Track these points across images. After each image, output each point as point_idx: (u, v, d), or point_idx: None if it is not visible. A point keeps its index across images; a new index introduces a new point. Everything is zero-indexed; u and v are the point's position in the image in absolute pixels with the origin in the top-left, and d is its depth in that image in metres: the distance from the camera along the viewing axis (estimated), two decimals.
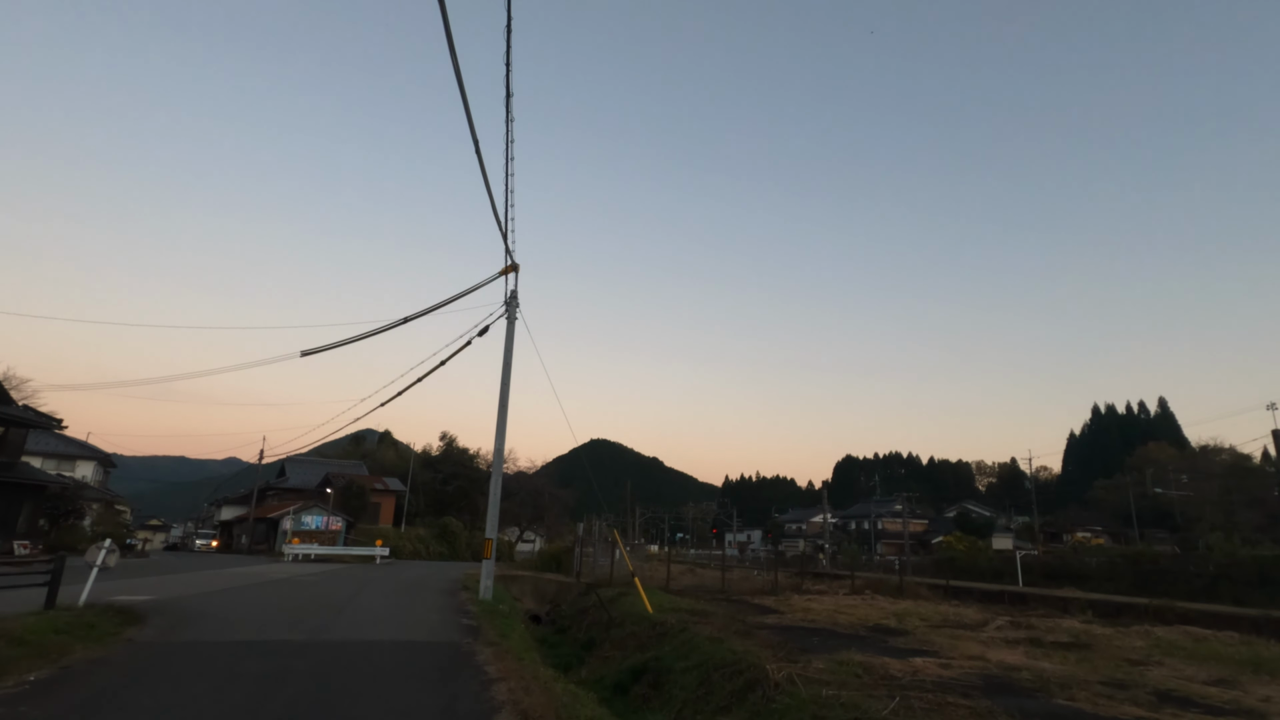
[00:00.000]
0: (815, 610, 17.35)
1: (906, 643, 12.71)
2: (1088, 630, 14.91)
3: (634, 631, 13.82)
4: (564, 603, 23.24)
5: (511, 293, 16.20)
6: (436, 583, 20.65)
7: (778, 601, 19.82)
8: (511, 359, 15.77)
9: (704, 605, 16.54)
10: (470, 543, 52.44)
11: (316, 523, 43.27)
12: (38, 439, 47.17)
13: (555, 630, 18.73)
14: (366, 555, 35.88)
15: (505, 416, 15.31)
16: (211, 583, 17.08)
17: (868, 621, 15.82)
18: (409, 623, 9.95)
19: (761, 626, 14.16)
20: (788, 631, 13.72)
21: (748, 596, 21.74)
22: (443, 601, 14.12)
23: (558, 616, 20.85)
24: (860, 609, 17.92)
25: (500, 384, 15.54)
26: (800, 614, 16.75)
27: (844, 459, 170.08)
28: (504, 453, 15.11)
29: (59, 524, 34.19)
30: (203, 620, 9.98)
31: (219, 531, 63.04)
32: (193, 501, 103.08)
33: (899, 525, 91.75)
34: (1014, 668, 9.96)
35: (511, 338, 15.89)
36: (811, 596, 20.93)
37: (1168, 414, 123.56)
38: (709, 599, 20.44)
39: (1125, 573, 36.51)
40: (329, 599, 13.78)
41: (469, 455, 69.95)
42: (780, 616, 15.95)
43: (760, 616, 15.77)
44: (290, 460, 63.67)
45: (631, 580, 22.63)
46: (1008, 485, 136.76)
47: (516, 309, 16.16)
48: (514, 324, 16.03)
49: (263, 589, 15.82)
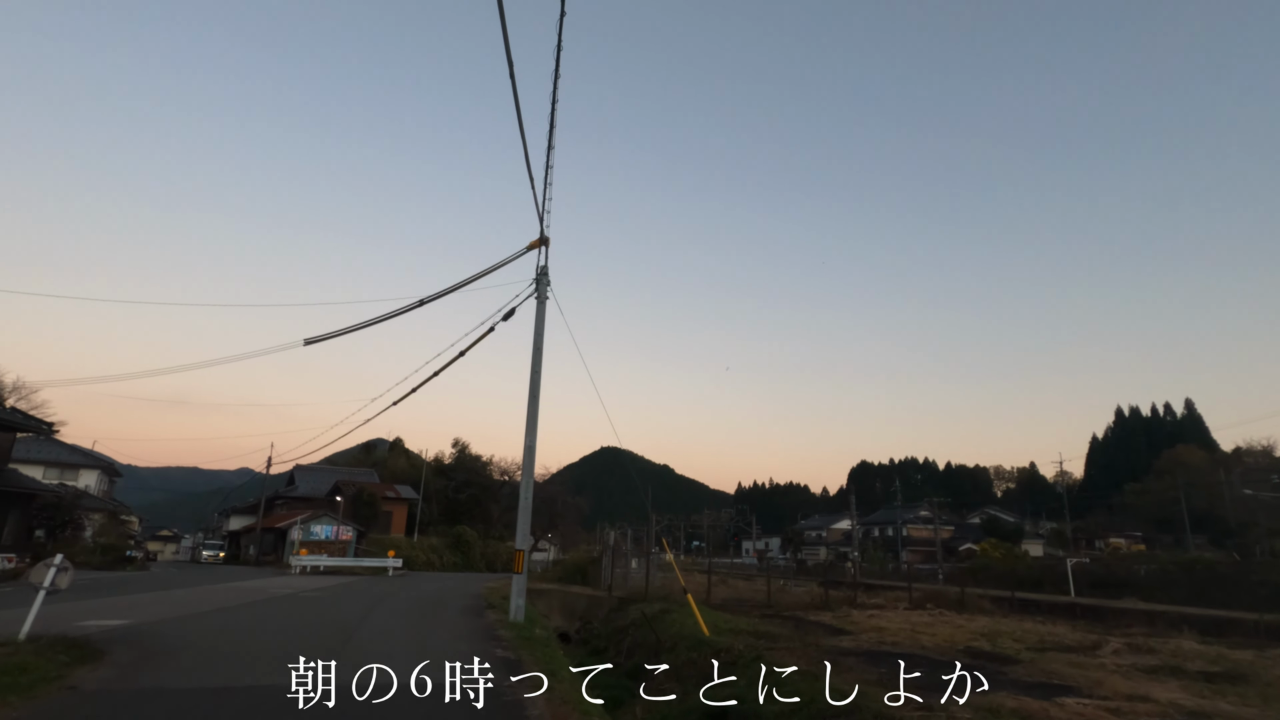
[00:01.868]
0: (889, 629, 15.21)
1: (1028, 674, 10.56)
2: (1223, 655, 12.69)
3: (691, 659, 11.75)
4: (595, 619, 21.18)
5: (542, 268, 14.24)
6: (457, 599, 18.64)
7: (837, 618, 17.68)
8: (543, 343, 13.80)
9: (763, 625, 14.43)
10: (484, 552, 50.48)
11: (326, 533, 41.41)
12: (39, 448, 45.67)
13: (590, 652, 16.67)
14: (378, 567, 33.93)
15: (536, 409, 13.32)
16: (204, 601, 15.14)
17: (955, 643, 13.67)
18: (433, 655, 7.92)
19: (839, 651, 12.07)
20: (874, 658, 11.60)
21: (799, 612, 19.61)
22: (468, 624, 12.08)
23: (590, 635, 18.80)
24: (937, 627, 15.76)
25: (530, 372, 13.56)
26: (873, 633, 14.63)
27: (859, 465, 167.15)
28: (535, 451, 13.12)
29: (56, 535, 32.44)
30: (177, 655, 8.00)
31: (226, 542, 61.30)
32: (205, 512, 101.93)
33: (924, 532, 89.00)
34: (1201, 714, 7.83)
35: (543, 319, 13.92)
36: (872, 612, 18.75)
37: (1195, 416, 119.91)
38: (758, 615, 18.32)
39: (1180, 581, 34.26)
40: (335, 621, 11.78)
41: (482, 463, 68.10)
42: (854, 638, 13.83)
43: (832, 638, 13.66)
44: (299, 468, 61.99)
45: (670, 596, 20.58)
46: (1027, 490, 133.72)
47: (548, 286, 14.20)
48: (545, 303, 14.07)
49: (260, 609, 13.86)
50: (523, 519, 12.71)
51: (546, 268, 14.29)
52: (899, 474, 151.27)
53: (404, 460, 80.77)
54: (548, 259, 14.31)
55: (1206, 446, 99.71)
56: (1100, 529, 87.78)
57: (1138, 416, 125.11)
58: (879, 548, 78.82)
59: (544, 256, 14.30)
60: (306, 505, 48.32)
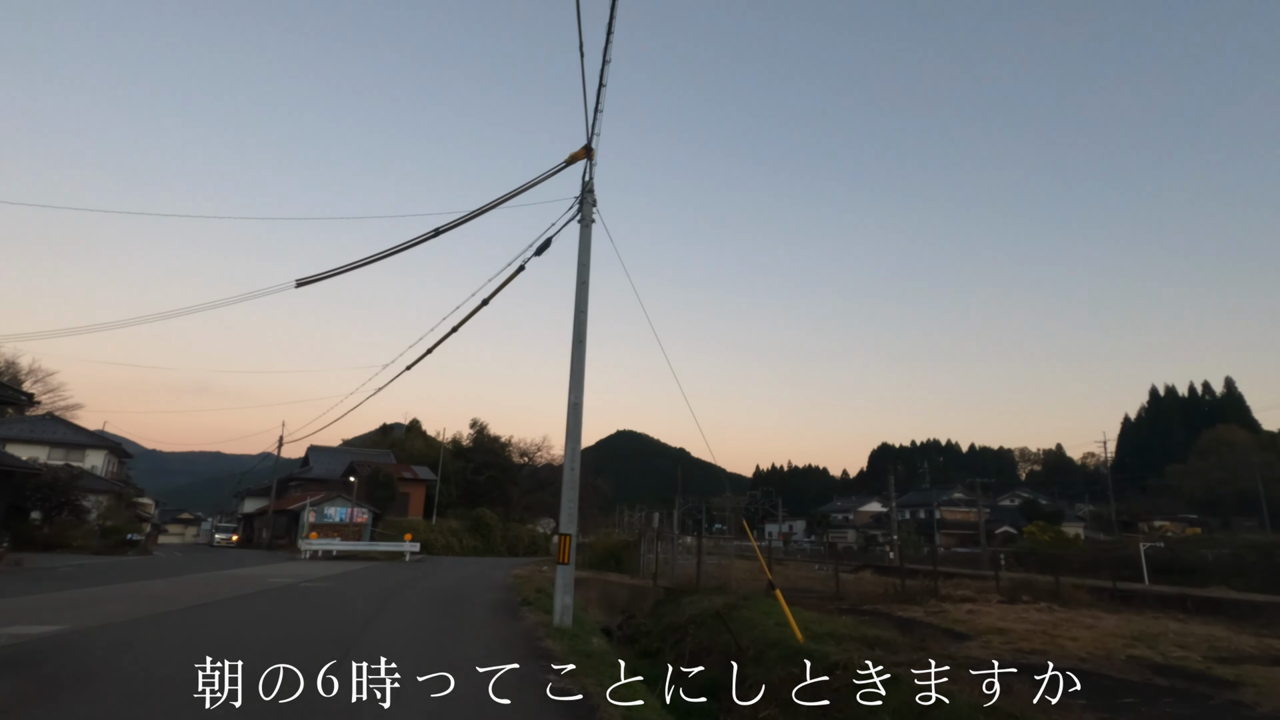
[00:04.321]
0: (1013, 631, 12.35)
1: (1255, 698, 7.70)
2: None
3: (791, 673, 9.01)
4: (639, 612, 18.54)
5: (586, 183, 11.39)
6: (483, 591, 16.06)
7: (932, 614, 14.89)
8: (588, 275, 10.96)
9: (862, 626, 11.64)
10: (505, 536, 48.29)
11: (340, 515, 39.24)
12: (43, 427, 43.90)
13: (639, 653, 14.01)
14: (394, 551, 31.61)
15: (583, 357, 10.53)
16: (182, 595, 12.62)
17: (1109, 650, 10.78)
18: (460, 686, 5.22)
19: (975, 663, 9.29)
20: (1025, 674, 8.78)
21: (879, 605, 16.84)
22: (503, 630, 9.40)
23: (636, 632, 16.17)
24: (1066, 627, 12.88)
25: (574, 311, 10.76)
26: (995, 636, 11.80)
27: (879, 447, 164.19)
28: (582, 411, 10.34)
29: (53, 518, 30.40)
30: (81, 687, 5.35)
31: (240, 525, 59.73)
32: (226, 496, 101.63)
33: (957, 514, 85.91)
34: None
35: (588, 246, 11.09)
36: (969, 607, 15.87)
37: (1235, 395, 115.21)
38: (831, 609, 15.56)
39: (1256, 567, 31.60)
40: (333, 626, 9.15)
41: (501, 444, 65.87)
42: (982, 644, 11.00)
43: (954, 644, 10.85)
44: (314, 449, 60.13)
45: (725, 586, 17.89)
46: (1054, 472, 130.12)
47: (593, 207, 11.35)
48: (590, 227, 11.23)
49: (244, 606, 11.30)
50: (568, 495, 9.98)
51: (592, 184, 11.43)
52: (921, 456, 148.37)
53: (421, 442, 78.83)
54: (593, 174, 11.46)
55: (1248, 427, 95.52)
56: (1144, 511, 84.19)
57: (1174, 396, 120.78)
58: (912, 530, 75.84)
59: (589, 172, 11.45)
60: (321, 487, 46.27)
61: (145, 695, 5.22)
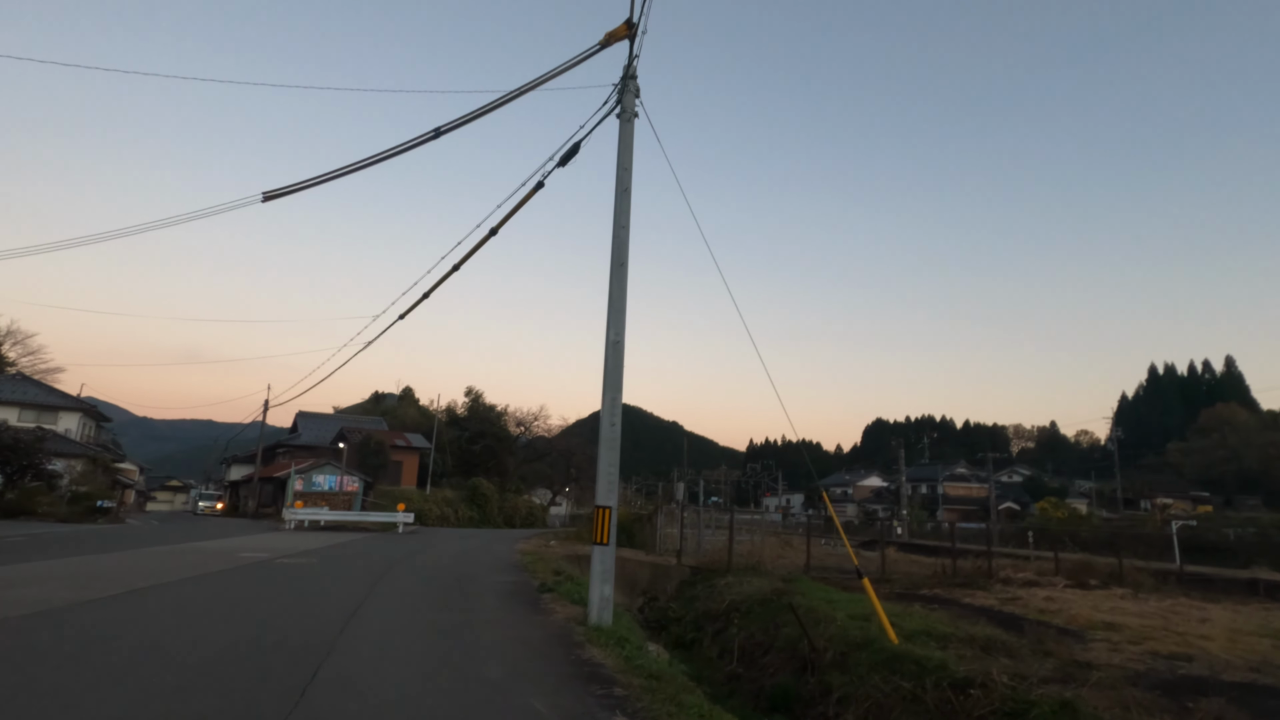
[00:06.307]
0: (1123, 626, 10.38)
1: None
2: None
3: (903, 689, 6.98)
4: (661, 594, 16.59)
5: (627, 68, 9.02)
6: (489, 571, 13.98)
7: (1004, 601, 12.95)
8: (630, 180, 8.66)
9: (961, 622, 9.62)
10: (502, 507, 46.42)
11: (329, 483, 37.15)
12: (11, 387, 41.41)
13: (672, 643, 11.98)
14: (387, 523, 29.59)
15: (625, 282, 8.28)
16: (129, 574, 10.45)
17: (1255, 652, 8.83)
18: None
19: (1115, 672, 7.32)
20: (1180, 692, 6.77)
21: (935, 590, 14.90)
22: (526, 630, 7.26)
23: (663, 617, 14.18)
24: (1185, 622, 10.92)
25: (613, 227, 8.49)
26: (1112, 634, 9.83)
27: (874, 422, 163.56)
28: (624, 350, 8.13)
29: (15, 482, 28.16)
30: None
31: (226, 493, 57.69)
32: (214, 463, 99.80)
33: (960, 490, 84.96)
34: None
35: (629, 147, 8.77)
36: (1047, 593, 13.92)
37: (1235, 374, 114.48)
38: (886, 595, 13.57)
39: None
40: (304, 623, 7.02)
41: (496, 413, 63.67)
42: (1111, 646, 8.99)
43: (1075, 646, 8.85)
44: (303, 415, 57.95)
45: (759, 567, 15.91)
46: (1047, 449, 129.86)
47: (636, 98, 8.98)
48: (632, 123, 8.88)
49: (197, 592, 9.14)
50: (607, 458, 7.80)
51: (634, 68, 9.06)
52: (915, 432, 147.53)
53: (414, 410, 76.61)
54: (636, 57, 9.07)
55: (1248, 406, 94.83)
56: (1147, 489, 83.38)
57: (1173, 374, 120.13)
58: (918, 506, 74.73)
59: (631, 53, 9.07)
60: (310, 454, 44.10)
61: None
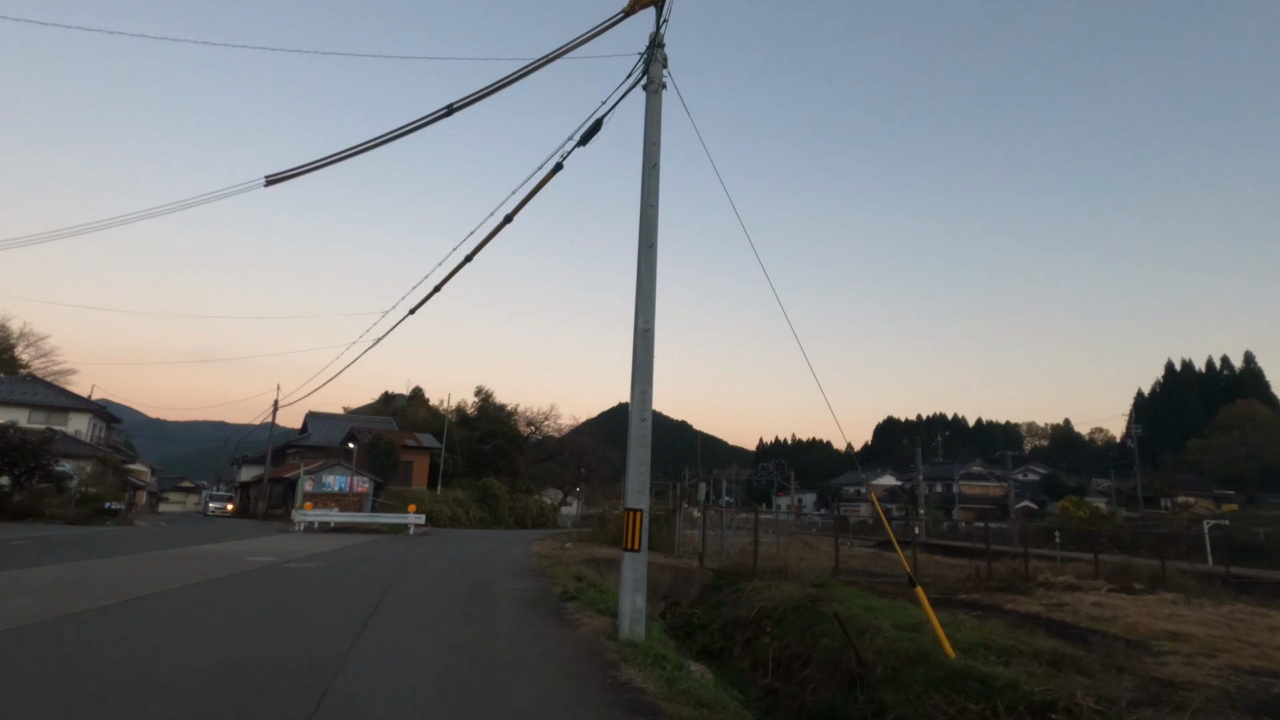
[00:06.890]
0: (1189, 637, 9.62)
1: None
2: None
3: (970, 712, 6.28)
4: (683, 599, 15.92)
5: (654, 36, 8.36)
6: (506, 576, 13.35)
7: (1051, 607, 12.20)
8: (659, 155, 8.01)
9: (1021, 634, 8.89)
10: (513, 507, 45.93)
11: (340, 484, 36.70)
12: (21, 388, 41.25)
13: (698, 652, 11.32)
14: (398, 524, 29.07)
15: (654, 265, 7.63)
16: (128, 581, 9.88)
17: None
18: None
19: (1202, 692, 6.59)
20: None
21: (974, 594, 14.15)
22: (553, 647, 6.60)
23: (686, 624, 13.52)
24: (1256, 631, 10.15)
25: (641, 206, 7.84)
26: (1183, 645, 9.08)
27: (885, 421, 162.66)
28: (654, 337, 7.49)
29: (23, 484, 27.84)
30: None
31: (236, 494, 57.55)
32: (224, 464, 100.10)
33: (976, 489, 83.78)
34: None
35: (657, 120, 8.12)
36: (1095, 598, 13.13)
37: (1254, 370, 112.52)
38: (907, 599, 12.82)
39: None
40: (312, 632, 6.41)
41: (506, 412, 63.22)
42: (1185, 660, 8.25)
43: (1148, 661, 8.11)
44: (313, 415, 57.69)
45: (785, 570, 15.21)
46: (1061, 447, 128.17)
47: (663, 68, 8.33)
48: (660, 94, 8.23)
49: (197, 602, 8.54)
50: (637, 457, 7.15)
51: (662, 35, 8.39)
52: (927, 430, 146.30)
53: (424, 410, 76.20)
54: (664, 24, 8.40)
55: (1267, 403, 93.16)
56: (1167, 487, 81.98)
57: (1191, 371, 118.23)
58: (931, 505, 73.70)
59: (659, 19, 8.41)
60: (319, 454, 43.76)
61: None
